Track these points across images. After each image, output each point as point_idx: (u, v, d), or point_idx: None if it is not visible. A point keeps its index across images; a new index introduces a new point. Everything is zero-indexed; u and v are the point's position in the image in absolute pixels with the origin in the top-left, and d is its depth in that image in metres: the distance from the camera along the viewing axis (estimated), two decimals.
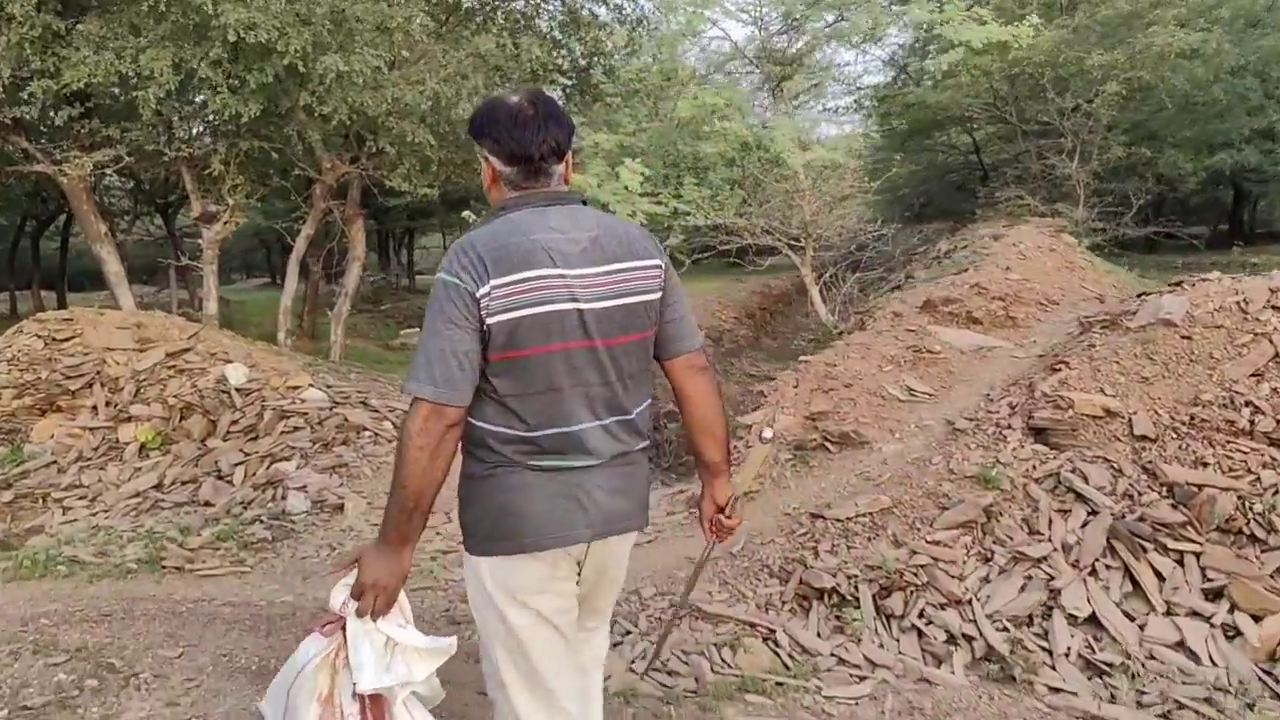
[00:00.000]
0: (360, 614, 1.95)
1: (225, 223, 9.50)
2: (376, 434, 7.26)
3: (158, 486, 6.87)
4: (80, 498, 6.97)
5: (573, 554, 2.07)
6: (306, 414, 7.37)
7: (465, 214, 7.56)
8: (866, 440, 6.04)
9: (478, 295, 1.88)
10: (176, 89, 8.01)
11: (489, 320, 1.88)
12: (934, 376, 6.75)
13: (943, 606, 4.60)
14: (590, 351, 1.97)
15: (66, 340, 7.99)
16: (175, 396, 7.54)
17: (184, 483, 6.84)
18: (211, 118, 8.52)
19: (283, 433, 7.20)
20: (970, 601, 4.58)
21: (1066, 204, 15.75)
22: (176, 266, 15.21)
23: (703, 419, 2.22)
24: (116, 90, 8.79)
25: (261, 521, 5.98)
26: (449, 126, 8.73)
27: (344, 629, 1.97)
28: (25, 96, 7.86)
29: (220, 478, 6.83)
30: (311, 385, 7.77)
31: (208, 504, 6.50)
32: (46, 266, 21.34)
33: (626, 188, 6.87)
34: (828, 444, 6.11)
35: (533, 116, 2.01)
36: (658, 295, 2.07)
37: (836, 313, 8.17)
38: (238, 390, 7.53)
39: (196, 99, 9.19)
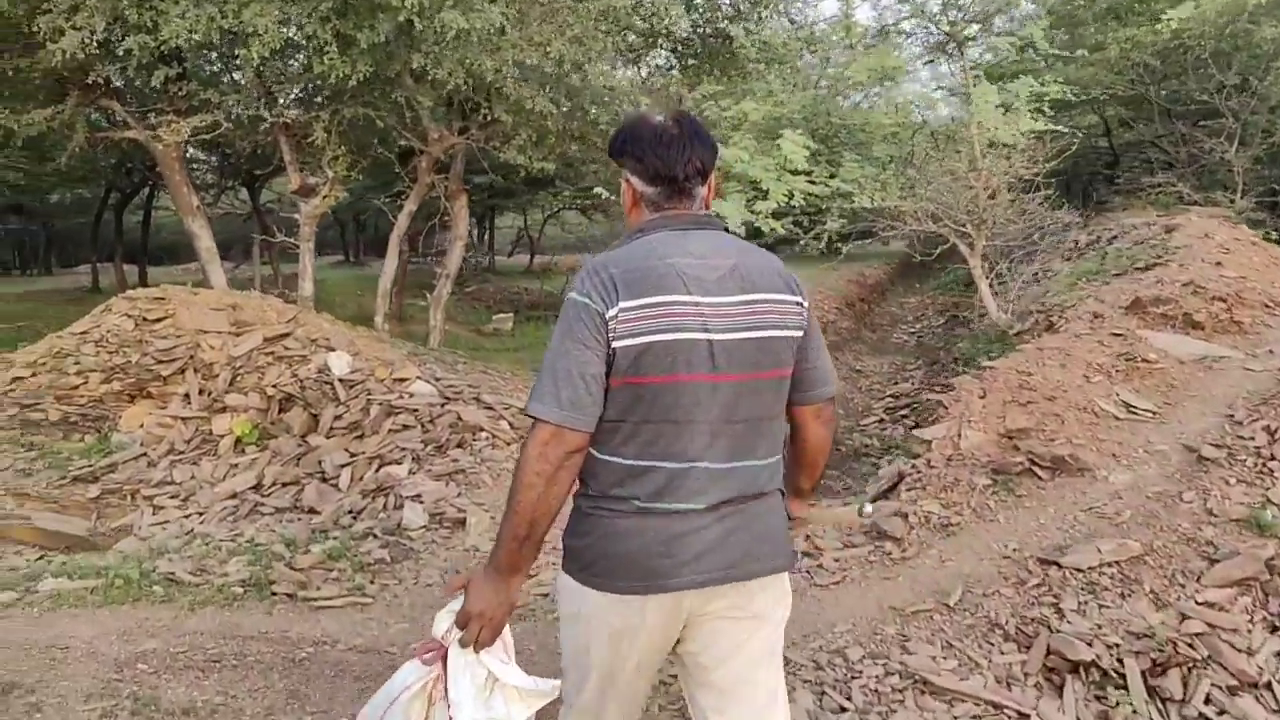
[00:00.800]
0: (464, 644, 1.88)
1: (325, 196, 8.92)
2: (494, 435, 6.57)
3: (256, 488, 6.29)
4: (171, 496, 6.44)
5: (669, 605, 1.92)
6: (416, 411, 6.72)
7: (596, 190, 6.79)
8: (1086, 466, 5.15)
9: (606, 316, 1.82)
10: (280, 49, 7.41)
11: (615, 344, 1.82)
12: (1153, 390, 5.81)
13: (1233, 690, 3.71)
14: (715, 386, 1.87)
15: (158, 321, 7.47)
16: (274, 386, 6.96)
17: (284, 484, 6.25)
18: (316, 82, 7.88)
19: (391, 431, 6.56)
20: (1270, 685, 3.70)
21: (1220, 192, 14.43)
22: (262, 242, 14.79)
23: (811, 461, 2.18)
24: (214, 50, 8.29)
25: (376, 537, 5.33)
26: (572, 94, 8.01)
27: (444, 658, 1.91)
28: (120, 54, 7.32)
29: (325, 480, 6.22)
30: (419, 378, 7.12)
31: (313, 511, 5.89)
32: (128, 240, 21.27)
33: (787, 162, 6.05)
34: (1036, 469, 5.23)
35: (677, 136, 1.98)
36: (799, 333, 1.98)
37: (1011, 311, 7.22)
38: (341, 381, 6.92)
39: (297, 61, 8.59)
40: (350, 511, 5.80)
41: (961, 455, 5.65)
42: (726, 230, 2.07)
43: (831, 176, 6.81)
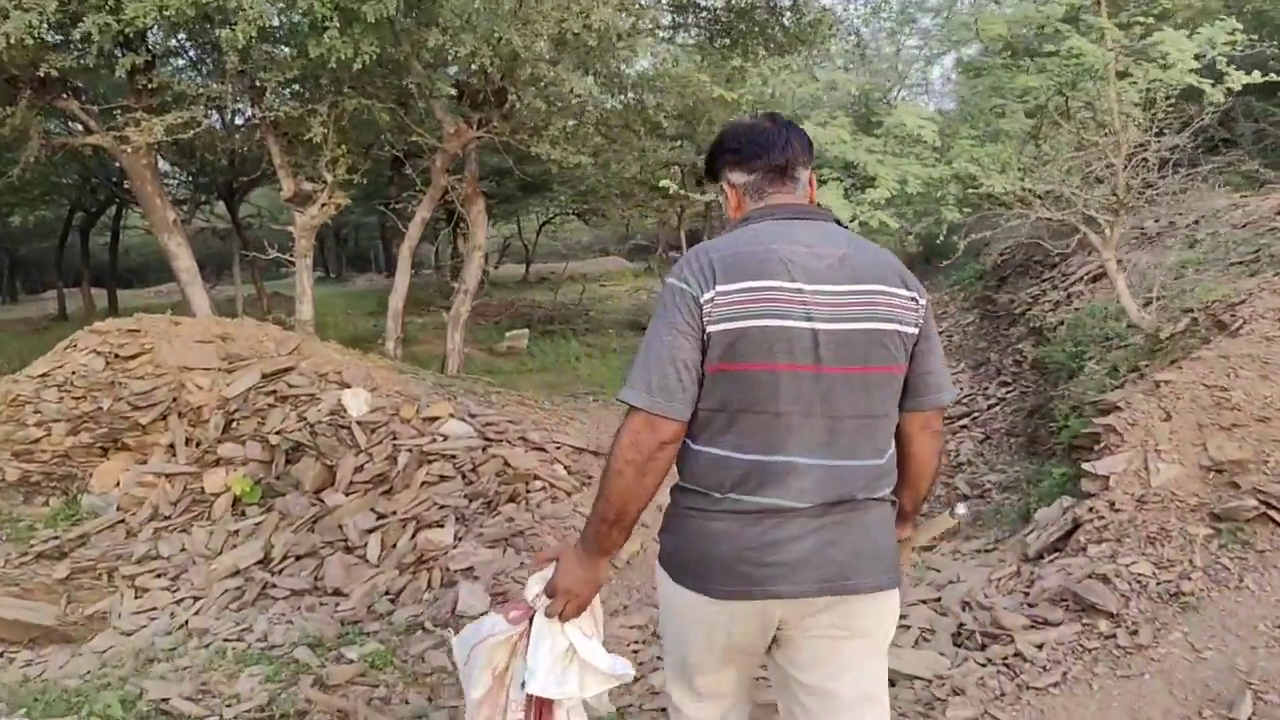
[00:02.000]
0: (549, 614, 1.91)
1: (323, 205, 7.79)
2: (551, 484, 5.50)
3: (264, 562, 5.20)
4: (157, 575, 5.36)
5: (758, 613, 1.86)
6: (454, 457, 5.66)
7: (664, 183, 5.69)
8: None
9: (701, 300, 1.77)
10: (268, 29, 6.32)
11: (710, 328, 1.77)
12: None
13: None
14: (818, 377, 1.79)
15: (133, 358, 6.36)
16: (277, 433, 5.86)
17: (299, 557, 5.17)
18: (312, 69, 6.74)
19: (426, 484, 5.49)
20: None
21: None
22: (243, 260, 13.64)
23: (916, 477, 2.05)
24: (189, 32, 7.21)
25: (426, 630, 4.24)
26: (611, 78, 6.95)
27: (531, 619, 1.96)
28: (77, 38, 6.20)
29: (349, 550, 5.13)
30: (453, 415, 6.03)
31: (338, 593, 4.80)
32: (95, 263, 20.07)
33: (908, 139, 5.02)
34: (1274, 514, 4.17)
35: (771, 126, 2.00)
36: (914, 330, 1.89)
37: (1154, 310, 6.18)
38: (360, 424, 5.83)
39: (289, 46, 7.48)
40: (387, 593, 4.73)
41: (1157, 496, 4.59)
42: (838, 223, 2.01)
43: (937, 156, 5.75)
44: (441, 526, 5.12)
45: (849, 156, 5.59)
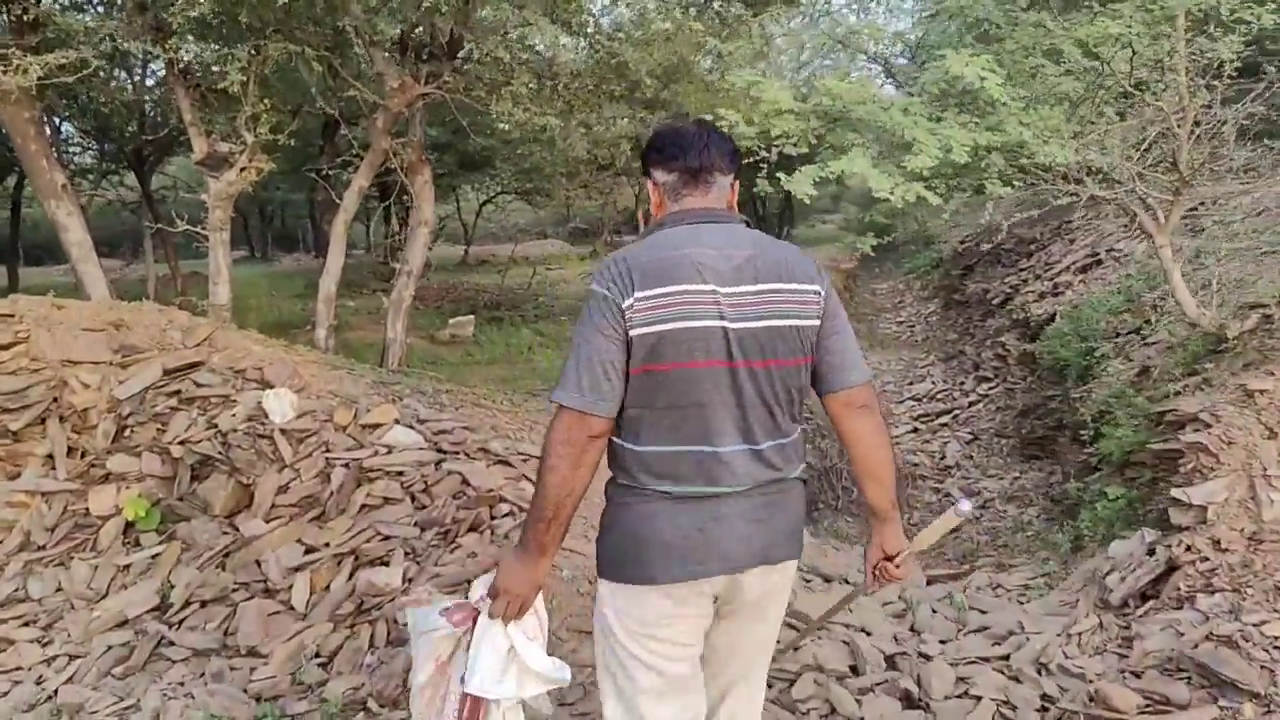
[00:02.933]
0: (492, 616, 2.04)
1: (243, 169, 6.69)
2: (521, 508, 4.57)
3: (159, 609, 4.23)
4: (26, 623, 4.39)
5: (705, 590, 2.08)
6: (402, 474, 4.72)
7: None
8: None
9: (623, 306, 1.94)
10: None
11: (632, 332, 1.94)
12: None
13: None
14: (733, 372, 2.00)
15: (4, 349, 5.25)
16: (182, 443, 4.86)
17: (204, 603, 4.21)
18: (220, 0, 5.62)
19: (366, 508, 4.56)
20: None
21: None
22: (156, 236, 12.37)
23: (864, 461, 2.18)
24: None
25: (369, 711, 3.33)
26: (589, 23, 6.01)
27: (475, 620, 2.06)
28: None
29: (269, 593, 4.18)
30: (398, 421, 5.07)
31: (254, 653, 3.85)
32: None
33: (975, 91, 4.19)
34: None
35: (695, 131, 2.17)
36: (814, 322, 2.07)
37: (1213, 305, 5.48)
38: (284, 433, 4.84)
39: None
40: (317, 655, 3.80)
41: (1276, 534, 3.86)
42: (746, 224, 2.18)
43: (977, 120, 4.95)
44: (386, 564, 4.18)
45: (879, 119, 4.76)
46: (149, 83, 12.31)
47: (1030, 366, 10.83)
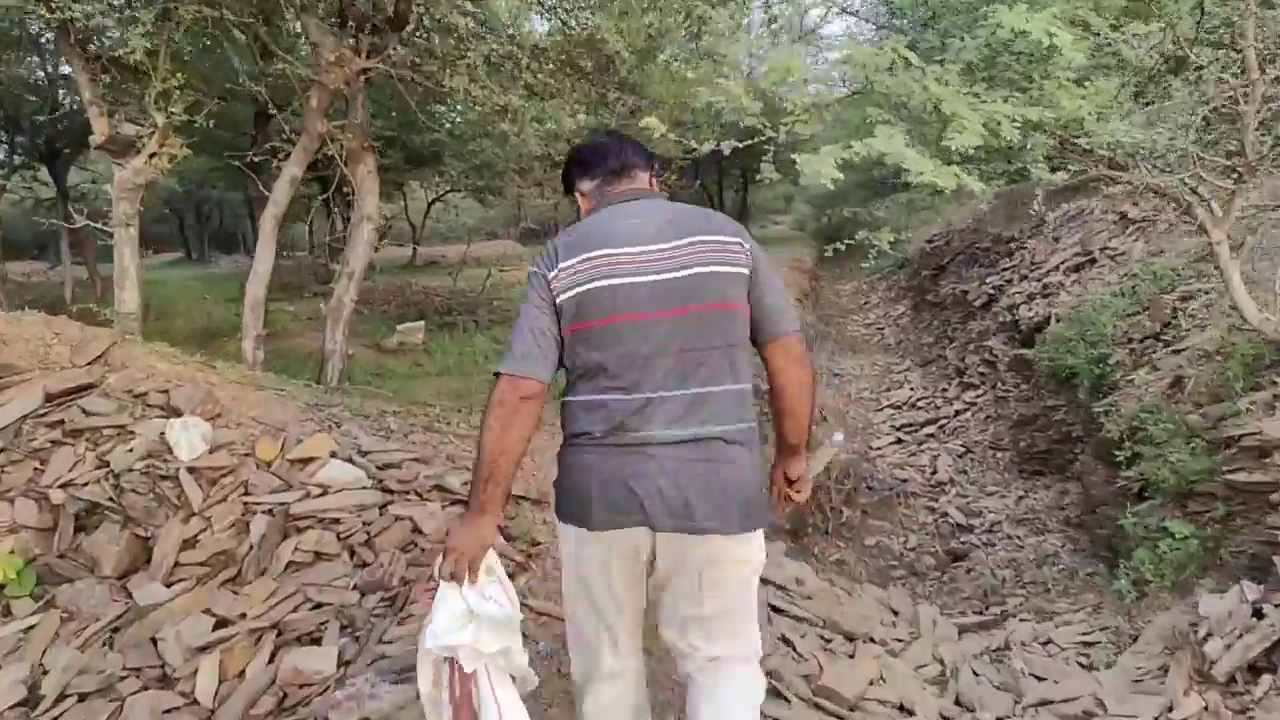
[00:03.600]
0: (441, 576, 2.11)
1: (152, 155, 5.77)
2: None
3: (27, 704, 3.35)
4: None
5: (631, 543, 2.17)
6: (339, 521, 3.94)
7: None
8: None
9: (549, 277, 2.15)
10: None
11: (559, 298, 2.13)
12: None
13: None
14: (657, 321, 2.11)
15: None
16: (65, 485, 3.99)
17: (83, 696, 3.37)
18: None
19: (294, 567, 3.75)
20: None
21: None
22: (70, 231, 11.30)
23: (790, 402, 2.29)
24: None
25: None
26: None
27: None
28: None
29: (166, 682, 3.34)
30: (335, 455, 4.26)
31: None
32: None
33: (1050, 41, 3.48)
34: None
35: (610, 140, 2.42)
36: (743, 270, 2.19)
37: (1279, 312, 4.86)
38: (192, 472, 4.00)
39: None
40: None
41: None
42: (670, 199, 2.35)
43: (1017, 95, 4.26)
44: (318, 642, 3.38)
45: (902, 91, 4.04)
46: (66, 70, 11.31)
47: (1023, 373, 10.23)
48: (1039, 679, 3.81)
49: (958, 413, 11.12)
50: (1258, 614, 3.39)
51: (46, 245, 23.25)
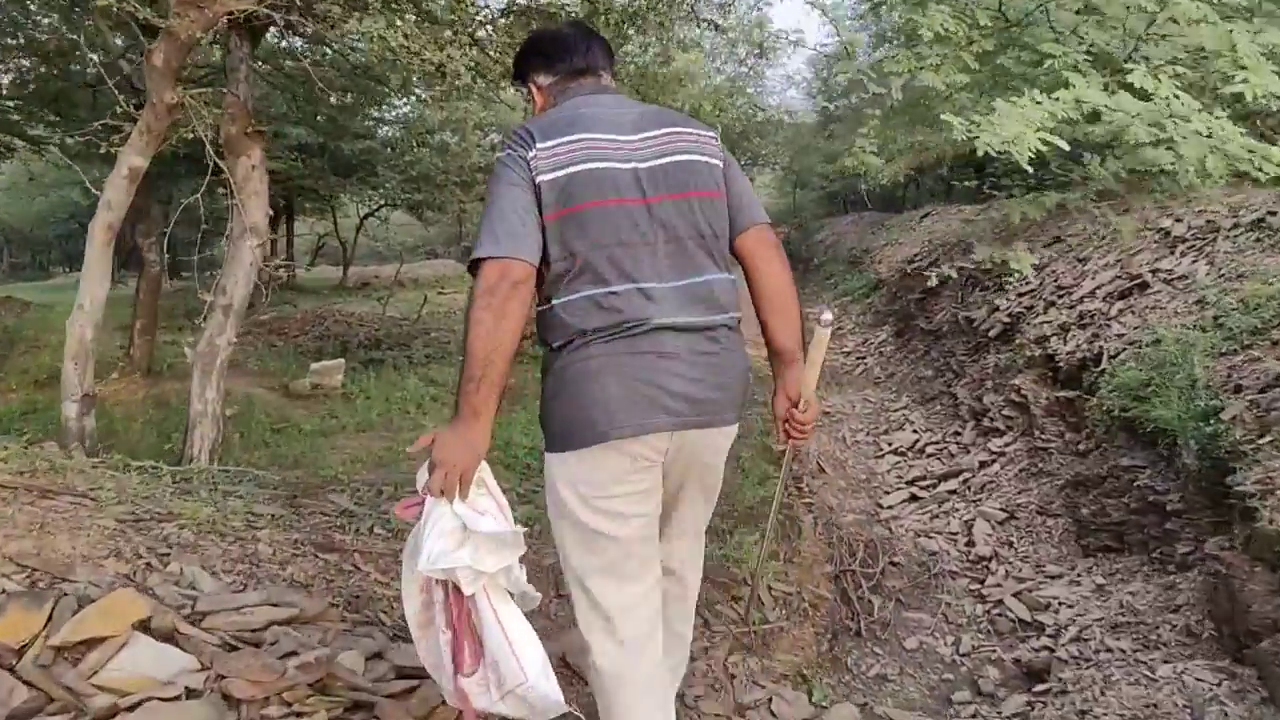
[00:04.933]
0: (431, 492, 1.93)
1: None
2: None
3: None
4: None
5: (655, 446, 2.09)
6: None
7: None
8: None
9: (528, 157, 2.02)
10: None
11: (539, 179, 2.00)
12: None
13: None
14: (649, 208, 2.06)
15: None
16: None
17: None
18: None
19: None
20: None
21: None
22: None
23: (774, 296, 2.26)
24: None
25: None
26: None
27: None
28: None
29: None
30: (150, 627, 2.52)
31: None
32: None
33: None
34: None
35: (574, 33, 2.35)
36: (717, 162, 2.20)
37: None
38: None
39: None
40: None
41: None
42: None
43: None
44: None
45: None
46: None
47: (1068, 420, 8.69)
48: None
49: (983, 464, 9.57)
50: None
51: None
